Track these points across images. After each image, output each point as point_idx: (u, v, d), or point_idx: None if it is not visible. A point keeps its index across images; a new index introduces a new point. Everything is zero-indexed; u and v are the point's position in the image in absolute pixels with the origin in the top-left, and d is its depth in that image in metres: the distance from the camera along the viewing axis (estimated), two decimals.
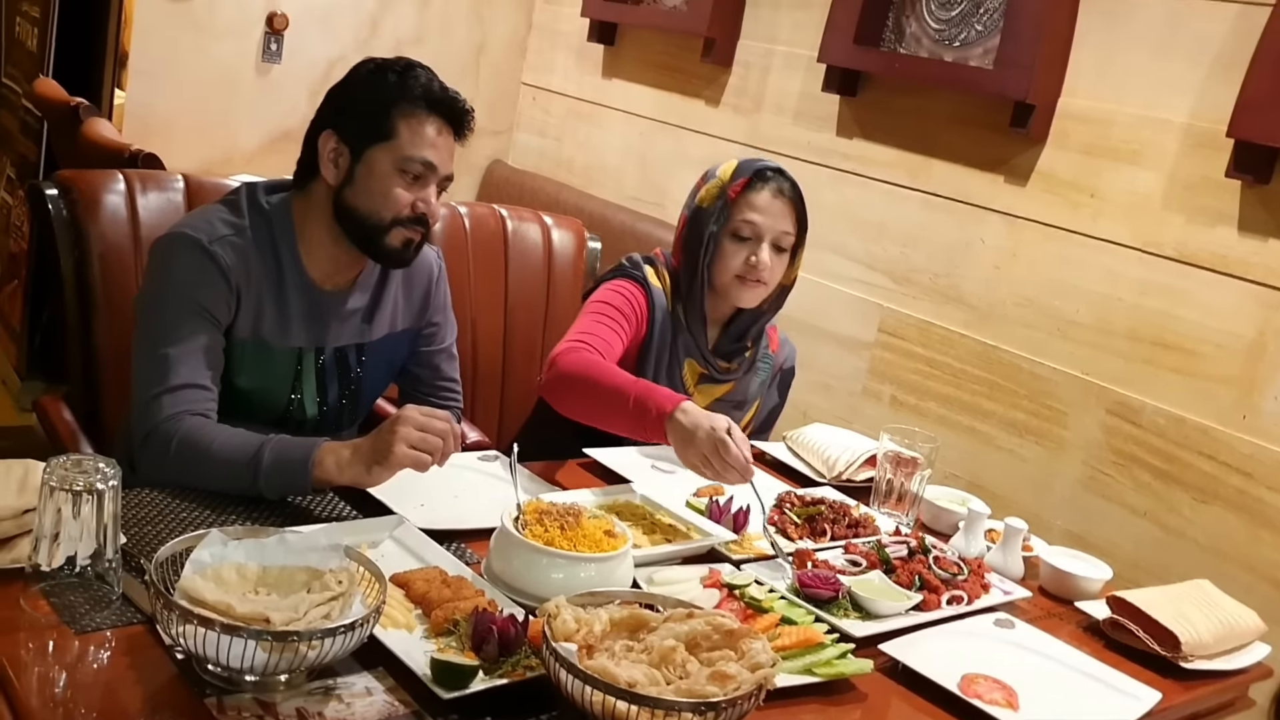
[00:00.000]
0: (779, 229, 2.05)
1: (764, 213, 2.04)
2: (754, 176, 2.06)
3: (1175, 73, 2.49)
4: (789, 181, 2.07)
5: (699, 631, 1.29)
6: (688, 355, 2.11)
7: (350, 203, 1.74)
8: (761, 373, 2.23)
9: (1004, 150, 2.79)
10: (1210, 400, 2.42)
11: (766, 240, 2.04)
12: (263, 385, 1.79)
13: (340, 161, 1.74)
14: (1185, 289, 2.46)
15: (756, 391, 2.23)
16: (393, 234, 1.75)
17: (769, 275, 2.06)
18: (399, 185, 1.73)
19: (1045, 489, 2.69)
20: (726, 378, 2.15)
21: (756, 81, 3.43)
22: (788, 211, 2.06)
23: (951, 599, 1.65)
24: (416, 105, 1.73)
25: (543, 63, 4.28)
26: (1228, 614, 1.76)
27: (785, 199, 2.05)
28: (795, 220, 2.07)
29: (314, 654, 1.15)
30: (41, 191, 1.99)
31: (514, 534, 1.47)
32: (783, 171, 2.08)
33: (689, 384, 2.13)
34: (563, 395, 1.92)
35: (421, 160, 1.73)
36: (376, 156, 1.73)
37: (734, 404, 2.19)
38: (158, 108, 3.67)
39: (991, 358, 2.81)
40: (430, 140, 1.73)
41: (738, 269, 2.05)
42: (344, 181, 1.74)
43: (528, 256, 2.59)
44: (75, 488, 1.23)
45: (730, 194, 2.05)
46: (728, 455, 1.70)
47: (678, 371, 2.11)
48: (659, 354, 2.09)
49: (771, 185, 2.06)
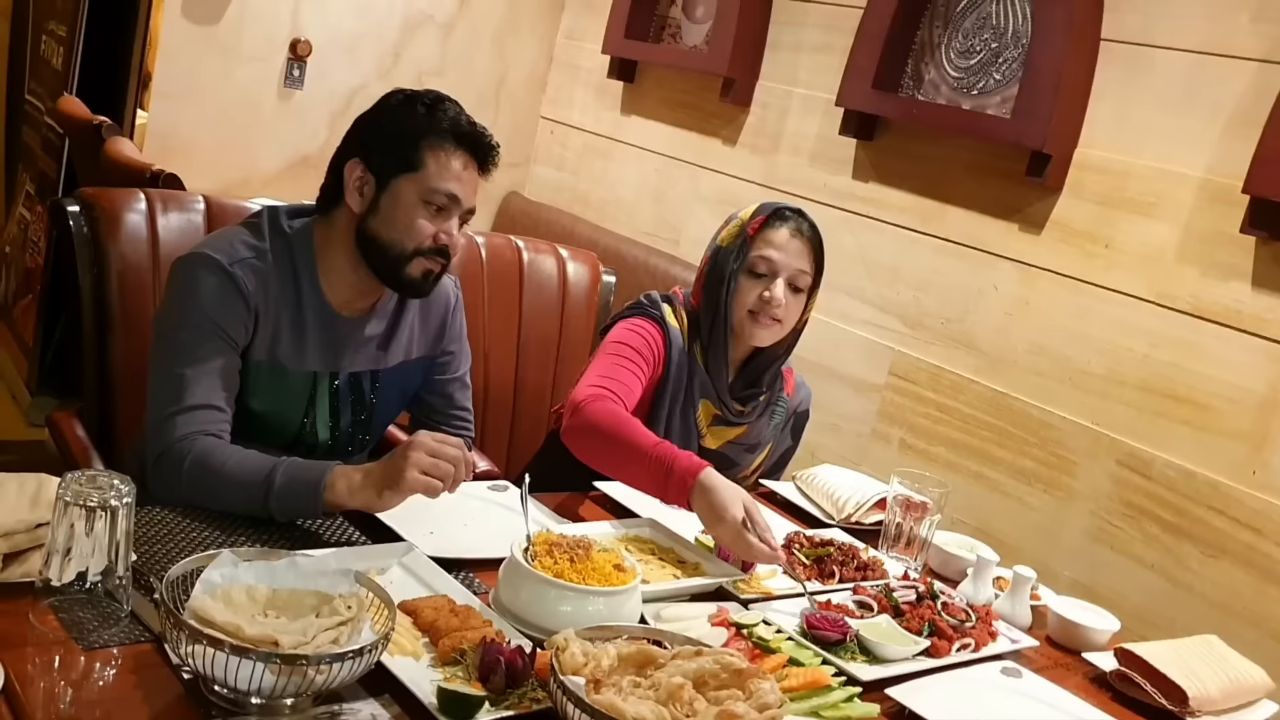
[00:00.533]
0: (795, 267, 2.05)
1: (780, 249, 2.04)
2: (772, 215, 2.07)
3: (1192, 127, 2.50)
4: (808, 222, 2.08)
5: (707, 670, 1.29)
6: (703, 396, 2.10)
7: (373, 231, 1.75)
8: (776, 416, 2.22)
9: (1019, 199, 2.80)
10: (1221, 455, 2.42)
11: (782, 277, 2.04)
12: (276, 408, 1.80)
13: (366, 190, 1.75)
14: (1198, 342, 2.47)
15: (770, 435, 2.22)
16: (414, 264, 1.76)
17: (783, 313, 2.05)
18: (423, 216, 1.74)
19: (1053, 538, 2.68)
20: (740, 421, 2.14)
21: (774, 122, 3.46)
22: (805, 251, 2.06)
23: (962, 646, 1.64)
24: (444, 138, 1.74)
25: (562, 97, 4.31)
26: (1236, 670, 1.75)
27: (803, 239, 2.06)
28: (812, 261, 2.07)
29: (321, 678, 1.15)
30: (63, 208, 2.01)
31: (523, 565, 1.47)
32: (802, 213, 2.09)
33: (703, 425, 2.11)
34: (584, 445, 1.90)
35: (446, 192, 1.74)
36: (402, 187, 1.74)
37: (746, 447, 2.18)
38: (180, 129, 3.70)
39: (1002, 405, 2.81)
40: (456, 173, 1.75)
41: (751, 304, 2.04)
42: (368, 210, 1.75)
43: (543, 288, 2.60)
44: (90, 503, 1.24)
45: (749, 231, 2.06)
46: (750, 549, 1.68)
47: (692, 413, 2.10)
48: (674, 394, 2.08)
49: (790, 224, 2.06)
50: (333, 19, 3.87)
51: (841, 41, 3.19)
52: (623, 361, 2.01)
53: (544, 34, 4.32)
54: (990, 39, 2.88)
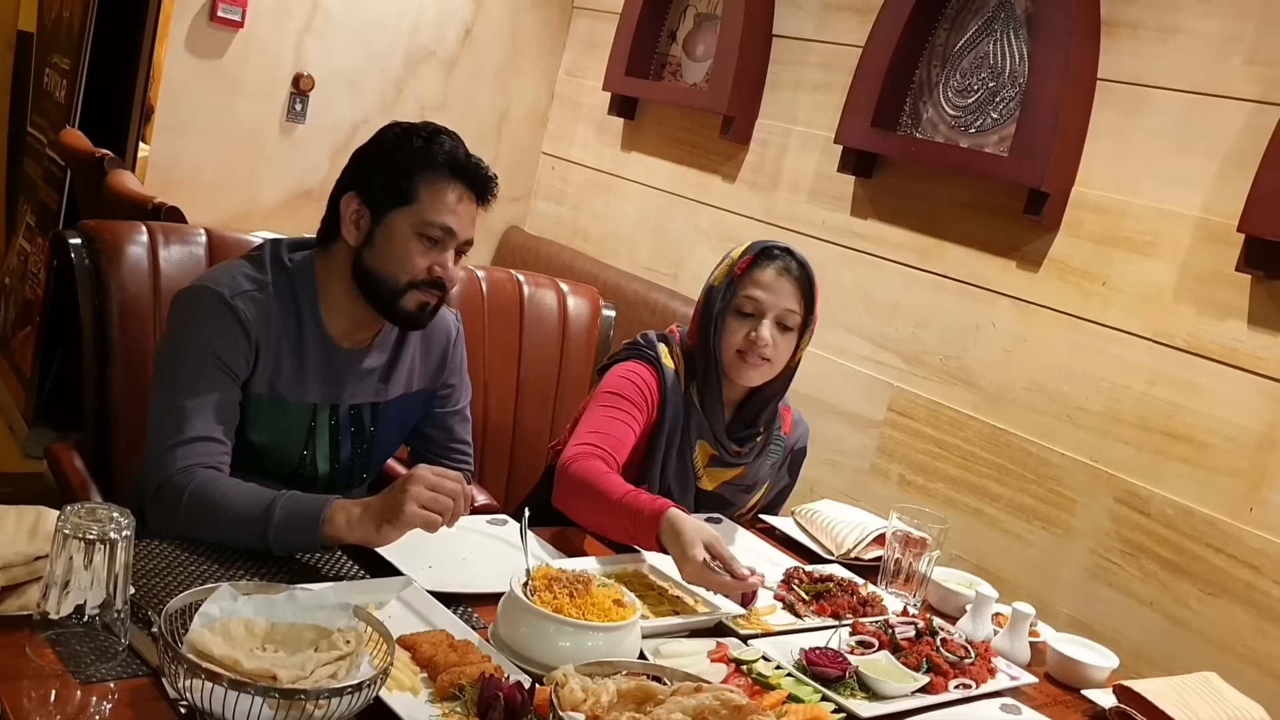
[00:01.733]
0: (783, 306, 2.03)
1: (767, 289, 2.02)
2: (760, 254, 2.05)
3: (1188, 167, 2.52)
4: (796, 261, 2.05)
5: (707, 706, 1.28)
6: (700, 437, 2.08)
7: (369, 264, 1.76)
8: (774, 455, 2.20)
9: (1017, 236, 2.82)
10: (1219, 492, 2.42)
11: (769, 317, 2.02)
12: (276, 441, 1.80)
13: (361, 223, 1.76)
14: (1195, 380, 2.47)
15: (767, 474, 2.21)
16: (409, 297, 1.77)
17: (771, 352, 2.03)
18: (417, 249, 1.75)
19: (1051, 575, 2.67)
20: (738, 462, 2.13)
21: (773, 160, 3.48)
22: (793, 291, 2.04)
23: (960, 685, 1.64)
24: (439, 171, 1.75)
25: (563, 133, 4.35)
26: (1234, 708, 1.74)
27: (791, 278, 2.04)
28: (801, 299, 2.04)
29: (320, 713, 1.15)
30: (65, 240, 2.02)
31: (522, 600, 1.46)
32: (791, 251, 2.07)
33: (699, 466, 2.10)
34: (569, 505, 1.92)
35: (441, 225, 1.75)
36: (396, 220, 1.74)
37: (743, 488, 2.17)
38: (182, 162, 3.72)
39: (1000, 441, 2.81)
40: (450, 206, 1.75)
41: (738, 344, 2.02)
42: (364, 243, 1.76)
43: (543, 322, 2.60)
44: (89, 536, 1.23)
45: (736, 271, 2.05)
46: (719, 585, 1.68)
47: (689, 453, 2.09)
48: (670, 435, 2.06)
49: (777, 264, 2.04)
50: (335, 54, 3.91)
51: (840, 80, 3.22)
52: (613, 413, 2.00)
53: (546, 70, 4.36)
54: (988, 78, 2.90)
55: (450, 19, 4.09)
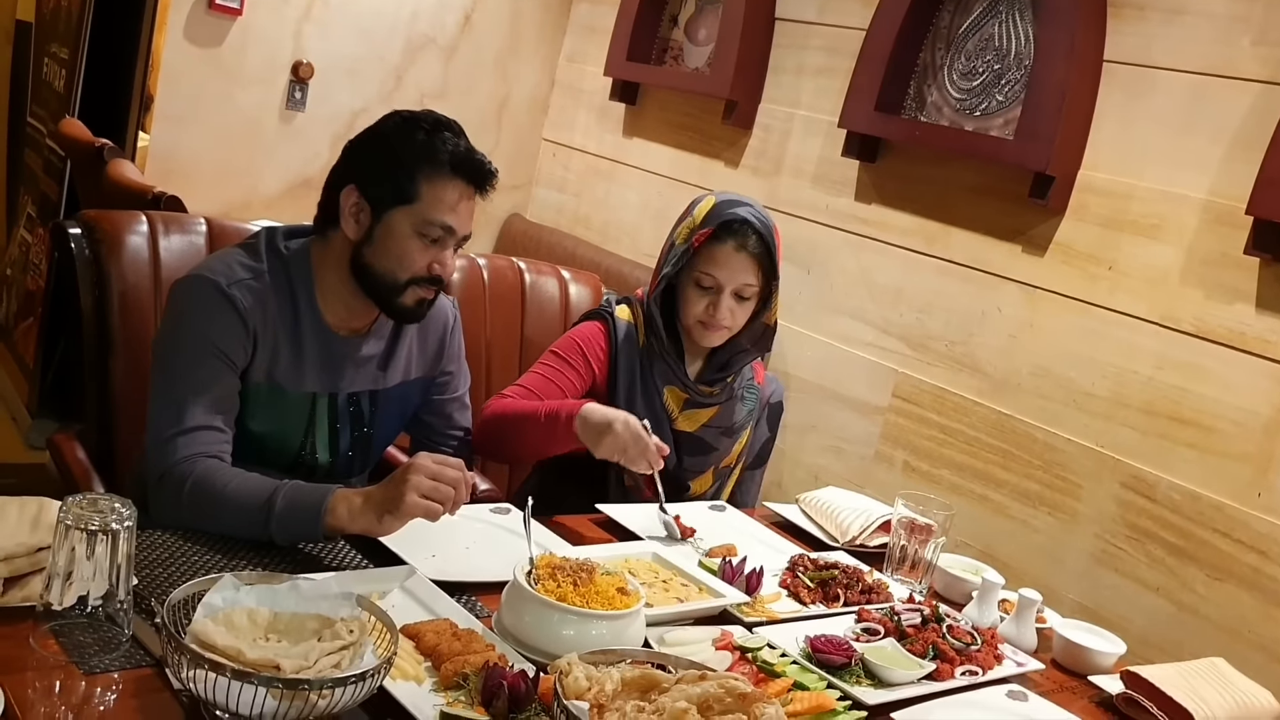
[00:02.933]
0: (739, 281, 2.07)
1: (724, 267, 2.06)
2: (719, 228, 2.06)
3: (1195, 149, 2.50)
4: (755, 235, 2.06)
5: (711, 694, 1.27)
6: (667, 383, 2.14)
7: (368, 260, 1.75)
8: (748, 402, 2.24)
9: (1022, 220, 2.80)
10: (1225, 477, 2.41)
11: (727, 291, 2.07)
12: (276, 430, 1.79)
13: (362, 218, 1.75)
14: (1202, 365, 2.46)
15: (745, 420, 2.25)
16: (407, 293, 1.76)
17: (730, 321, 2.09)
18: (417, 247, 1.74)
19: (1057, 561, 2.67)
20: (711, 401, 2.17)
21: (776, 144, 3.46)
22: (749, 265, 2.07)
23: (967, 672, 1.63)
24: (440, 169, 1.72)
25: (564, 120, 4.33)
26: (1242, 693, 1.73)
27: (747, 254, 2.06)
28: (759, 271, 2.08)
29: (324, 703, 1.14)
30: (65, 230, 2.01)
31: (526, 588, 1.46)
32: (750, 223, 2.06)
33: (673, 410, 2.14)
34: (490, 447, 2.07)
35: (442, 224, 1.73)
36: (397, 218, 1.73)
37: (723, 430, 2.20)
38: (181, 151, 3.71)
39: (1006, 427, 2.80)
40: (451, 205, 1.74)
41: (699, 315, 2.10)
42: (364, 239, 1.75)
43: (544, 310, 2.59)
44: (91, 527, 1.23)
45: (695, 242, 2.07)
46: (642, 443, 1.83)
47: (658, 400, 2.13)
48: (629, 385, 2.13)
49: (733, 241, 2.05)
50: (335, 41, 3.89)
51: (843, 64, 3.20)
52: (544, 370, 2.12)
53: (546, 56, 4.34)
54: (993, 60, 2.88)
55: (449, 5, 4.07)
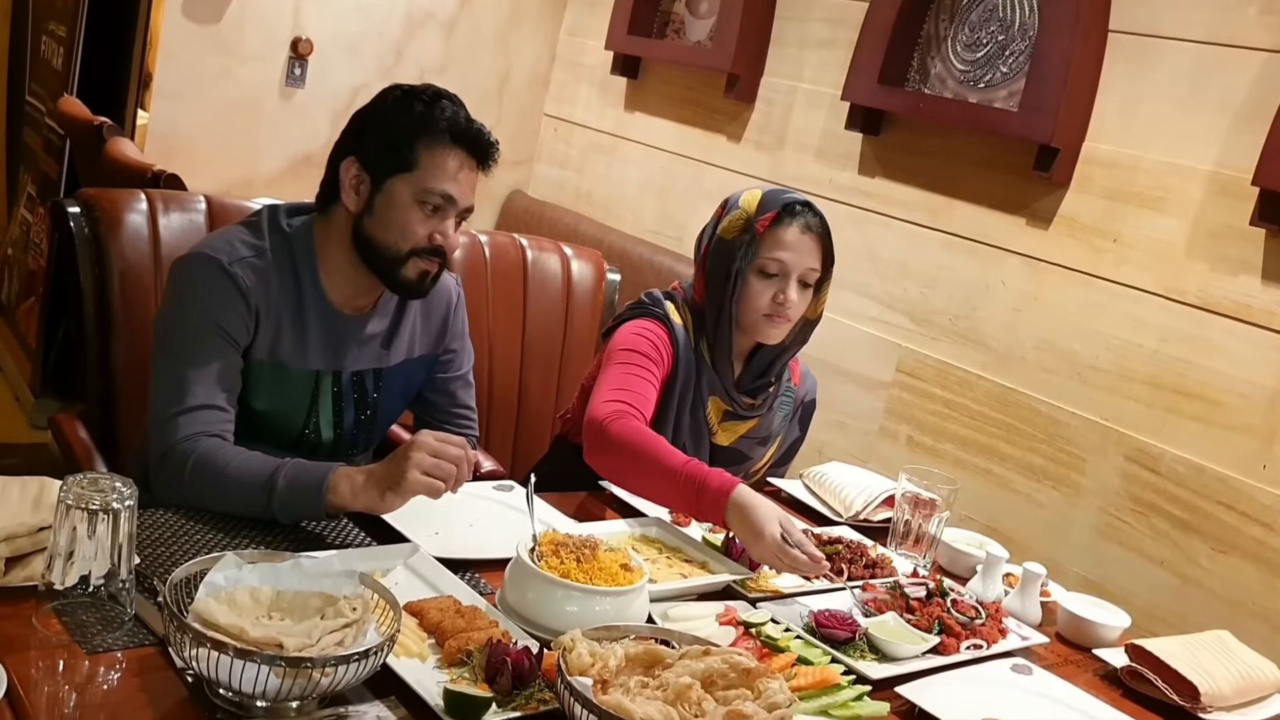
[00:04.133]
0: (806, 265, 2.00)
1: (792, 249, 1.98)
2: (783, 211, 2.00)
3: (1201, 120, 2.48)
4: (817, 216, 2.02)
5: (715, 669, 1.28)
6: (712, 393, 2.06)
7: (369, 232, 1.74)
8: (785, 406, 2.19)
9: (1027, 193, 2.79)
10: (1231, 450, 2.40)
11: (794, 277, 1.99)
12: (279, 408, 1.79)
13: (361, 189, 1.74)
14: (1207, 337, 2.45)
15: (780, 426, 2.20)
16: (409, 265, 1.75)
17: (794, 312, 2.01)
18: (417, 217, 1.72)
19: (1061, 534, 2.66)
20: (751, 414, 2.11)
21: (779, 118, 3.44)
22: (815, 248, 2.01)
23: (972, 645, 1.63)
24: (440, 137, 1.71)
25: (565, 95, 4.30)
26: (1247, 666, 1.73)
27: (814, 235, 2.00)
28: (821, 255, 2.02)
29: (327, 681, 1.14)
30: (64, 209, 2.00)
31: (529, 565, 1.45)
32: (810, 205, 2.03)
33: (713, 422, 2.08)
34: (610, 466, 1.87)
35: (441, 193, 1.72)
36: (397, 187, 1.72)
37: (759, 440, 2.16)
38: (181, 129, 3.69)
39: (1010, 401, 2.79)
40: (451, 173, 1.72)
41: (765, 307, 1.99)
42: (364, 210, 1.74)
43: (547, 287, 2.58)
44: (91, 506, 1.22)
45: (758, 229, 1.99)
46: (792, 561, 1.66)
47: (701, 411, 2.06)
48: (683, 393, 2.04)
49: (800, 221, 2.00)
50: (334, 17, 3.86)
51: (846, 36, 3.17)
52: (635, 370, 1.96)
53: (547, 31, 4.31)
54: (997, 31, 2.86)
55: None
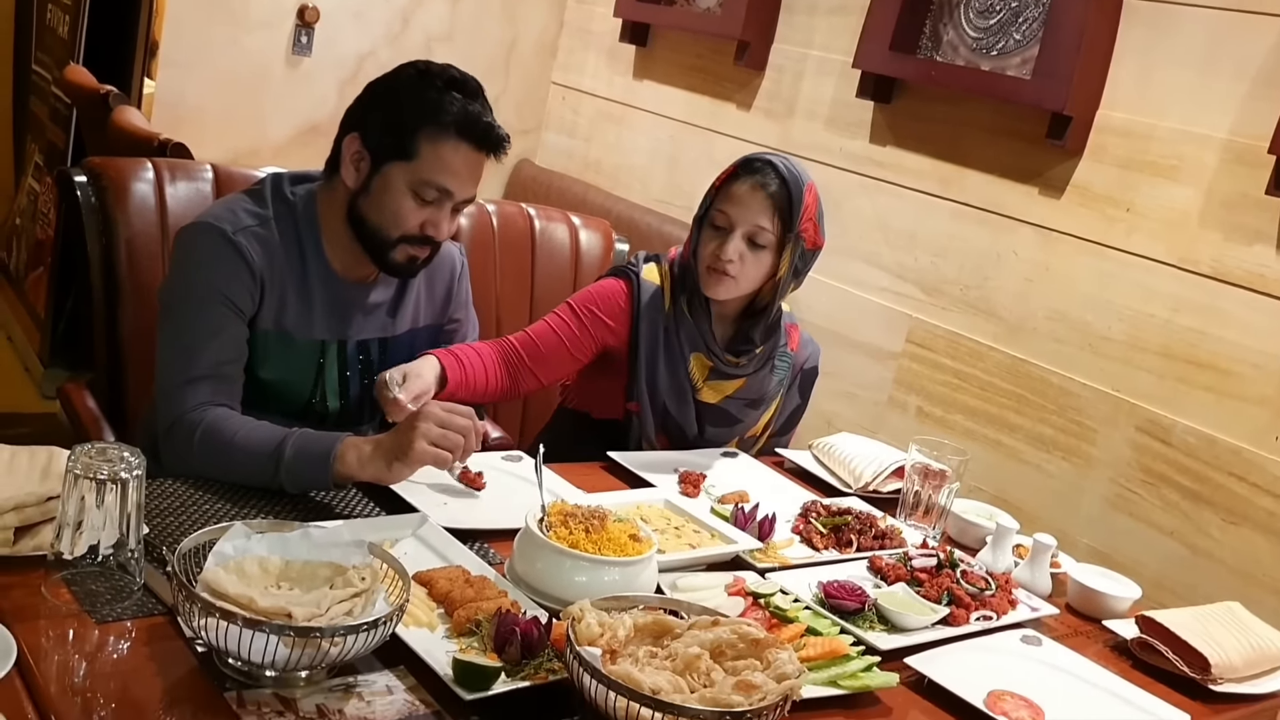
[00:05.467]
0: (752, 222, 1.97)
1: (738, 204, 1.98)
2: (740, 167, 2.01)
3: (1216, 88, 2.45)
4: (778, 177, 1.99)
5: (724, 640, 1.27)
6: (694, 349, 2.06)
7: (362, 211, 1.73)
8: (779, 371, 2.17)
9: (1039, 162, 2.76)
10: (1243, 421, 2.39)
11: (738, 232, 1.98)
12: (285, 377, 1.78)
13: (361, 167, 1.72)
14: (1221, 307, 2.43)
15: (774, 391, 2.18)
16: (397, 250, 1.74)
17: (735, 269, 1.98)
18: (410, 205, 1.70)
19: (1071, 506, 2.66)
20: (736, 373, 2.10)
21: (790, 86, 3.41)
22: (766, 206, 1.98)
23: (981, 617, 1.63)
24: (445, 130, 1.68)
25: (573, 62, 4.27)
26: (1258, 637, 1.73)
27: (765, 193, 1.98)
28: (776, 216, 1.98)
29: (336, 651, 1.14)
30: (70, 178, 1.99)
31: (538, 535, 1.45)
32: (775, 165, 2.00)
33: (697, 379, 2.08)
34: None
35: (438, 186, 1.70)
36: (394, 173, 1.70)
37: (748, 402, 2.15)
38: (187, 98, 3.67)
39: (1020, 371, 2.78)
40: (452, 168, 1.70)
41: (707, 258, 2.00)
42: (360, 188, 1.72)
43: (554, 256, 2.57)
44: (99, 476, 1.22)
45: (716, 183, 2.02)
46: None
47: (683, 366, 2.06)
48: (651, 348, 2.05)
49: (754, 178, 1.99)
50: None
51: (858, 2, 3.13)
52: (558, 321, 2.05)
53: None
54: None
55: None
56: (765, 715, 1.16)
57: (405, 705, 1.18)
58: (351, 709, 1.16)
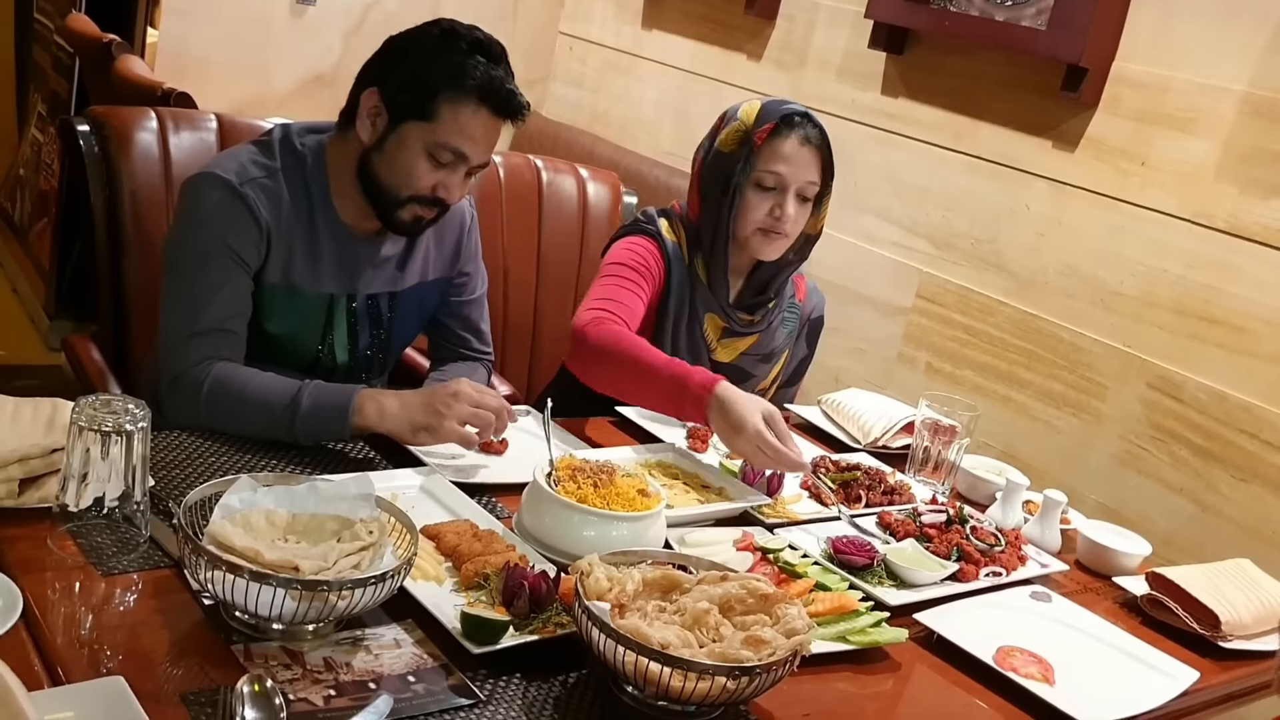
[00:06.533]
0: (804, 179, 1.95)
1: (790, 162, 1.94)
2: (780, 122, 1.95)
3: (1235, 39, 2.41)
4: (816, 128, 1.96)
5: (733, 595, 1.27)
6: (707, 310, 2.04)
7: (374, 167, 1.70)
8: (789, 323, 2.16)
9: (1053, 115, 2.72)
10: (1255, 377, 2.37)
11: (792, 190, 1.95)
12: (293, 331, 1.77)
13: (378, 123, 1.69)
14: (1235, 263, 2.40)
15: (784, 343, 2.17)
16: (405, 209, 1.72)
17: (792, 227, 1.97)
18: (424, 166, 1.68)
19: (1080, 462, 2.65)
20: (750, 330, 2.08)
21: (801, 36, 3.36)
22: (814, 160, 1.95)
23: (991, 573, 1.62)
24: (466, 95, 1.65)
25: (581, 12, 4.21)
26: (1268, 594, 1.72)
27: (812, 147, 1.95)
28: (820, 169, 1.97)
29: (343, 604, 1.13)
30: (73, 127, 1.97)
31: (546, 490, 1.44)
32: (810, 116, 1.97)
33: (711, 339, 2.06)
34: (593, 371, 1.87)
35: (454, 149, 1.67)
36: (411, 133, 1.67)
37: (761, 357, 2.13)
38: (191, 47, 3.63)
39: (1031, 327, 2.76)
40: (469, 132, 1.67)
41: (760, 221, 1.96)
42: (375, 145, 1.70)
43: (562, 209, 2.55)
44: (104, 428, 1.21)
45: (756, 141, 1.95)
46: (774, 453, 1.65)
47: (698, 328, 2.04)
48: (677, 310, 2.02)
49: (798, 132, 1.95)
50: None
51: None
52: (621, 282, 1.96)
53: None
54: None
55: None
56: (774, 670, 1.15)
57: (413, 658, 1.18)
58: (359, 662, 1.15)
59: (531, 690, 1.19)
